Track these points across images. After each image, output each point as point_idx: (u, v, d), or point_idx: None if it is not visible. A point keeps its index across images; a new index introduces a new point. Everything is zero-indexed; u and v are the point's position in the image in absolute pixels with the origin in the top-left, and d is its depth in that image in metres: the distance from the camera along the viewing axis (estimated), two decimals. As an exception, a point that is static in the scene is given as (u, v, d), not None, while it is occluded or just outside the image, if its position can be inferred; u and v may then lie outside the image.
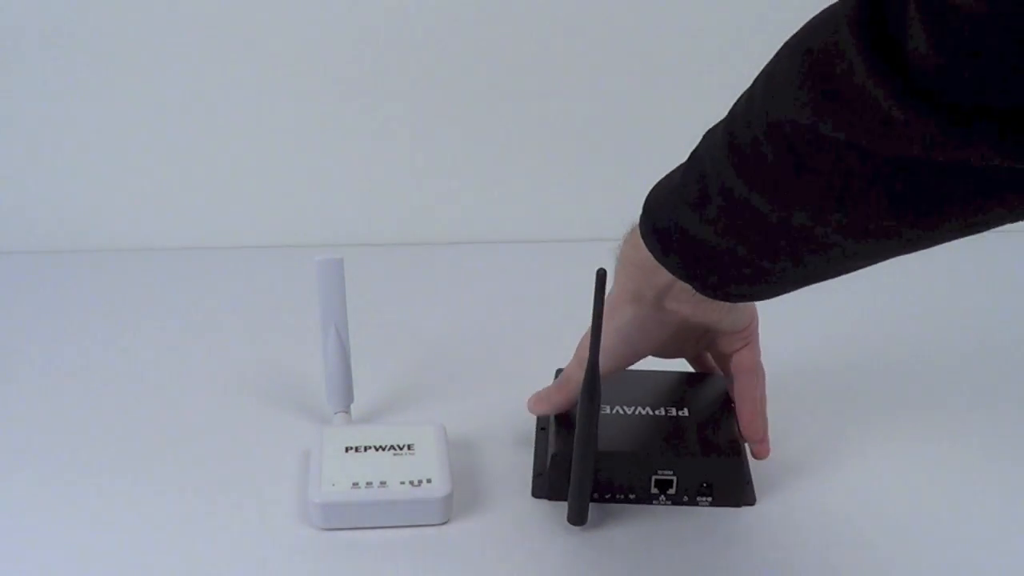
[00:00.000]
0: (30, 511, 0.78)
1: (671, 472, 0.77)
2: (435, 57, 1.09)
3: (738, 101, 0.61)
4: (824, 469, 0.83)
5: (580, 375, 0.71)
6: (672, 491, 0.78)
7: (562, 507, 0.76)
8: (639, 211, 0.71)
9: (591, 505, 0.76)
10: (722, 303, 0.74)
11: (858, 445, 0.85)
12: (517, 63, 1.10)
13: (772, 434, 0.80)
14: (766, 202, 0.59)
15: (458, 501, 0.77)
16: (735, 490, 0.78)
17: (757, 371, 0.80)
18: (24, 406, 0.90)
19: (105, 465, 0.82)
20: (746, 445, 0.81)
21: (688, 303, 0.75)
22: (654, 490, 0.78)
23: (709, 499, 0.78)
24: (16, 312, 1.04)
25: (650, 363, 0.87)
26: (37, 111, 1.09)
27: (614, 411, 0.80)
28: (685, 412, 0.81)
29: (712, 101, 1.11)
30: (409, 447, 0.79)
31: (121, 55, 1.07)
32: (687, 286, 0.70)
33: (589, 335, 0.71)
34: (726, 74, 1.14)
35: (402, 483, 0.76)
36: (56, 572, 0.73)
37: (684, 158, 0.67)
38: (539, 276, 1.11)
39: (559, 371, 0.86)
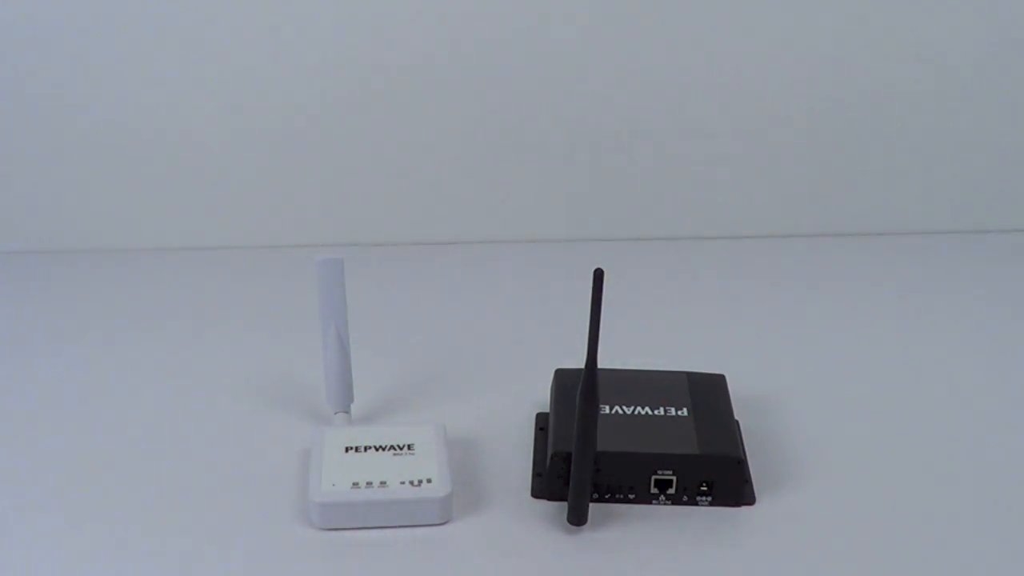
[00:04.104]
0: (28, 511, 0.78)
1: (671, 472, 0.77)
2: (435, 56, 1.09)
3: None
4: (824, 469, 0.83)
5: None
6: (672, 491, 0.78)
7: (562, 507, 0.76)
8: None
9: (591, 505, 0.76)
10: None
11: (858, 445, 0.85)
12: (517, 62, 1.10)
13: (772, 434, 0.80)
14: None
15: (458, 501, 0.78)
16: (735, 490, 0.78)
17: None
18: (23, 405, 0.90)
19: (104, 464, 0.82)
20: (745, 444, 0.80)
21: None
22: (654, 490, 0.78)
23: (709, 499, 0.78)
24: (16, 312, 1.04)
25: (650, 363, 0.88)
26: (37, 110, 1.09)
27: (614, 411, 0.80)
28: (685, 412, 0.81)
29: (711, 102, 1.11)
30: (409, 447, 0.79)
31: (121, 54, 1.07)
32: None
33: None
34: (725, 76, 1.14)
35: (402, 483, 0.76)
36: (55, 570, 0.73)
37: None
38: (539, 276, 1.11)
39: (558, 371, 0.86)
